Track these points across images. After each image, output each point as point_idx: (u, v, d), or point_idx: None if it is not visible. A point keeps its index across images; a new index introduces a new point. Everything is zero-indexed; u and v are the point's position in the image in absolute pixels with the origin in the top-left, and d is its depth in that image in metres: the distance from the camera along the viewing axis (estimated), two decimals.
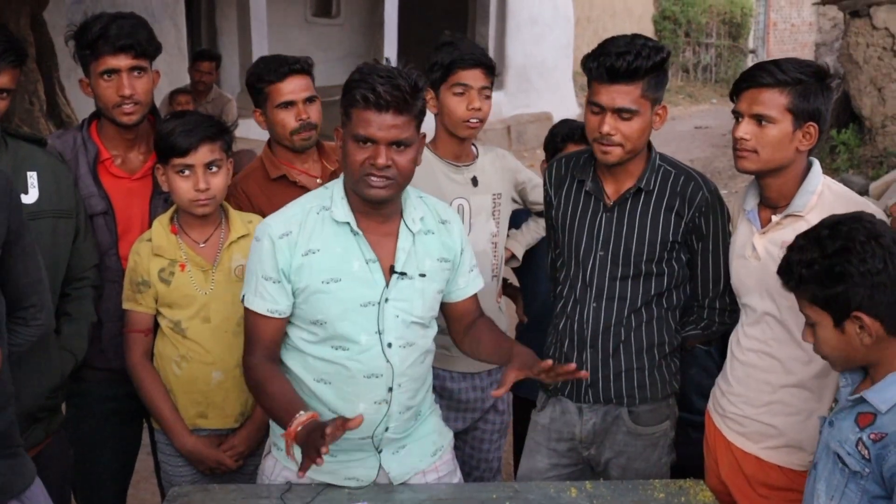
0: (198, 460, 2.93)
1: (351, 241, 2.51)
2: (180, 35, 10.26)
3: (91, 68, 2.92)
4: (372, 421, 2.54)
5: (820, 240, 2.14)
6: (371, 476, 2.63)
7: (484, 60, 3.10)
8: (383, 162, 2.39)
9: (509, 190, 3.29)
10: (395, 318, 2.52)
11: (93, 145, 2.99)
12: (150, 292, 2.88)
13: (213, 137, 2.84)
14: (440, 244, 2.63)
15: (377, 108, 2.37)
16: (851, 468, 2.15)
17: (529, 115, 14.41)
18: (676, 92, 20.69)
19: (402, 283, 2.53)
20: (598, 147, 2.74)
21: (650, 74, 2.67)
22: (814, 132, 2.55)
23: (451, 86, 3.07)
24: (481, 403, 3.29)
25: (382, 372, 2.52)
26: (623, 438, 2.93)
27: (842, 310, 2.13)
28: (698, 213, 2.80)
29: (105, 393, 3.05)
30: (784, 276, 2.24)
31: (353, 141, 2.43)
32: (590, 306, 2.88)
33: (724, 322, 2.95)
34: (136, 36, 2.90)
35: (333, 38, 14.77)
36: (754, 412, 2.72)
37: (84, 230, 2.87)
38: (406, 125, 2.42)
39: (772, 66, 2.55)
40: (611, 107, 2.67)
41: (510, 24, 14.36)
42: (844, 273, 2.09)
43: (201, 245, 2.91)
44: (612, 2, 19.33)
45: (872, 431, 2.12)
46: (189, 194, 2.81)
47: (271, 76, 3.16)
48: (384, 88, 2.36)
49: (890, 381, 2.14)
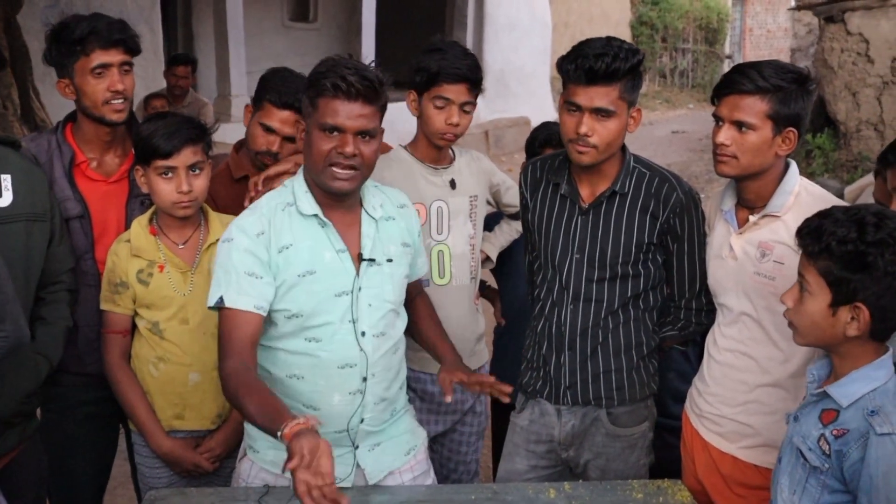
0: (174, 462, 2.92)
1: (320, 232, 2.52)
2: (156, 39, 10.21)
3: (78, 66, 2.89)
4: (347, 412, 2.55)
5: (863, 223, 2.10)
6: (346, 473, 2.62)
7: (469, 76, 3.06)
8: (351, 150, 2.41)
9: (484, 192, 3.30)
10: (369, 307, 2.54)
11: (68, 148, 2.97)
12: (129, 293, 2.86)
13: (195, 139, 2.84)
14: (401, 229, 2.67)
15: (347, 96, 2.39)
16: (812, 463, 2.18)
17: (508, 119, 14.43)
18: (653, 97, 20.79)
19: (371, 270, 2.55)
20: (574, 148, 2.74)
21: (627, 76, 2.67)
22: (793, 137, 2.56)
23: (433, 97, 3.04)
24: (461, 405, 3.29)
25: (356, 361, 2.53)
26: (602, 440, 2.94)
27: (847, 295, 2.12)
28: (673, 214, 2.81)
29: (80, 398, 3.03)
30: (807, 238, 2.18)
31: (318, 130, 2.43)
32: (567, 308, 2.88)
33: (701, 322, 2.96)
34: (126, 32, 2.93)
35: (311, 43, 14.73)
36: (731, 412, 2.74)
37: (59, 234, 2.84)
38: (373, 115, 2.44)
39: (753, 72, 2.54)
40: (588, 107, 2.67)
41: (488, 30, 14.37)
42: (872, 265, 2.07)
43: (180, 246, 2.91)
44: (589, 7, 19.39)
45: (835, 427, 2.14)
46: (172, 196, 2.80)
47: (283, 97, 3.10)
48: (354, 78, 2.38)
49: (853, 378, 2.16)
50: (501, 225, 3.53)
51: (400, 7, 14.82)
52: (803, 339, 2.27)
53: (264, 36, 13.50)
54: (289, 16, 14.93)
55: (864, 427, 2.08)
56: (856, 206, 2.19)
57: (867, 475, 2.04)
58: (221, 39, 11.17)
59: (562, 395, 2.93)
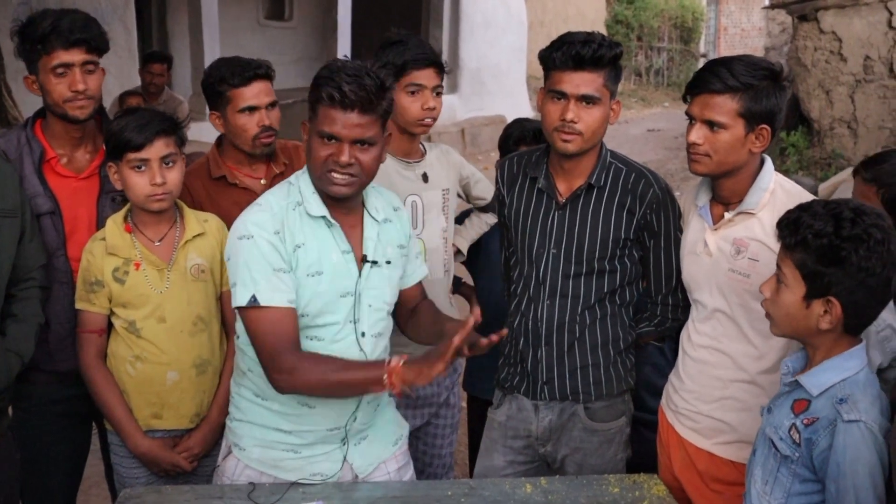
0: (152, 462, 2.89)
1: (326, 233, 2.51)
2: (130, 37, 10.12)
3: (40, 64, 2.86)
4: (342, 411, 2.56)
5: (840, 218, 2.11)
6: (335, 469, 2.62)
7: (435, 59, 3.12)
8: (346, 159, 2.40)
9: (455, 185, 3.32)
10: (369, 308, 2.55)
11: (38, 144, 2.94)
12: (104, 292, 2.83)
13: (167, 131, 2.81)
14: (397, 231, 2.67)
15: (342, 106, 2.37)
16: (783, 453, 2.20)
17: (483, 117, 14.45)
18: (629, 95, 20.86)
19: (373, 272, 2.56)
20: (559, 136, 2.74)
21: (610, 65, 2.71)
22: (766, 134, 2.56)
23: (404, 86, 3.06)
24: (437, 398, 3.31)
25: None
26: (579, 435, 2.94)
27: (821, 288, 2.14)
28: (650, 209, 2.81)
29: (52, 395, 3.00)
30: (785, 230, 2.20)
31: (317, 137, 2.43)
32: (543, 304, 2.88)
33: (677, 318, 2.96)
34: (89, 31, 2.86)
35: (286, 41, 14.68)
36: (706, 408, 2.74)
37: (30, 230, 2.81)
38: (370, 124, 2.42)
39: (723, 71, 2.53)
40: (575, 94, 2.69)
41: (464, 27, 14.38)
42: (846, 260, 2.09)
43: (156, 243, 2.88)
44: (565, 6, 19.45)
45: (806, 417, 2.16)
46: (145, 189, 2.77)
47: (234, 80, 3.12)
48: (350, 87, 2.35)
49: (824, 367, 2.19)
50: (472, 218, 3.55)
51: (375, 5, 14.76)
52: (778, 329, 2.28)
53: (239, 34, 13.41)
54: (264, 14, 14.85)
55: (832, 415, 2.11)
56: (836, 200, 2.20)
57: (834, 462, 2.06)
58: (196, 37, 11.10)
59: (539, 390, 2.93)
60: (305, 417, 2.56)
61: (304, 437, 2.58)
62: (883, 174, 2.74)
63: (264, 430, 2.60)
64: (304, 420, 2.56)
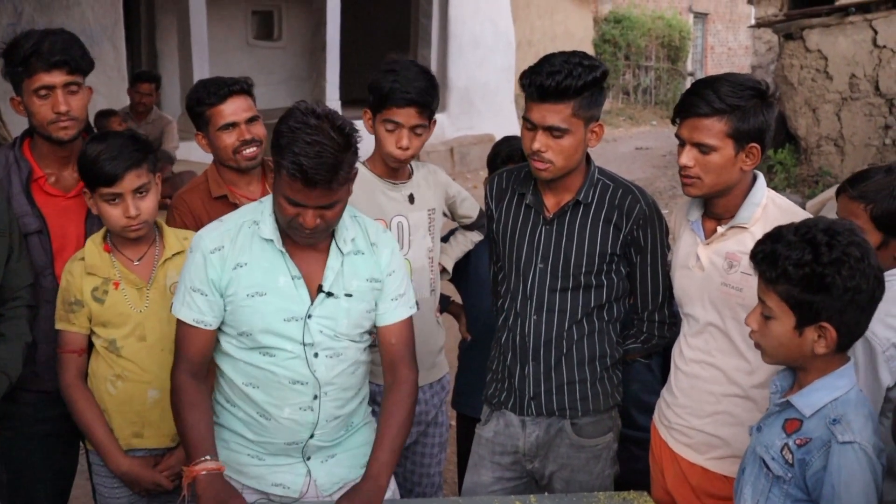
0: (134, 482, 2.87)
1: (277, 256, 2.51)
2: (119, 57, 10.13)
3: (24, 86, 2.86)
4: (297, 426, 2.56)
5: (815, 244, 2.09)
6: (298, 483, 2.61)
7: (418, 99, 2.95)
8: (311, 224, 2.38)
9: (441, 204, 3.30)
10: (320, 333, 2.53)
11: (25, 163, 2.94)
12: (84, 312, 2.82)
13: (138, 162, 2.77)
14: (368, 265, 2.62)
15: (304, 184, 2.29)
16: (775, 473, 2.19)
17: (472, 136, 14.48)
18: (617, 114, 20.96)
19: (327, 301, 2.54)
20: (532, 163, 2.76)
21: (582, 94, 2.67)
22: (757, 152, 2.56)
23: (383, 119, 2.99)
24: (424, 416, 3.28)
25: (307, 380, 2.53)
26: (566, 451, 2.94)
27: (811, 316, 2.12)
28: (636, 225, 2.82)
29: (39, 415, 2.98)
30: (763, 265, 2.18)
31: (281, 196, 2.38)
32: (531, 319, 2.88)
33: (664, 335, 2.97)
34: (70, 52, 2.85)
35: (275, 61, 14.71)
36: (699, 423, 2.74)
37: (18, 249, 2.80)
38: (336, 191, 2.36)
39: (709, 93, 2.52)
40: (541, 125, 2.69)
41: (452, 47, 14.42)
42: (832, 285, 2.07)
43: (135, 263, 2.87)
44: (552, 26, 19.53)
45: (798, 437, 2.15)
46: (120, 221, 2.77)
47: (211, 99, 3.12)
48: (310, 164, 2.26)
49: (816, 387, 2.18)
50: (456, 236, 3.53)
51: (364, 25, 14.84)
52: (771, 359, 2.27)
53: (229, 54, 13.45)
54: (253, 34, 14.89)
55: (826, 436, 2.10)
56: (804, 223, 2.18)
57: (829, 483, 2.05)
58: (185, 57, 11.12)
59: (526, 405, 2.93)
60: (264, 428, 2.57)
61: (265, 446, 2.60)
62: (869, 191, 2.76)
63: (232, 434, 2.63)
64: (263, 430, 2.58)
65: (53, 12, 9.21)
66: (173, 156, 7.91)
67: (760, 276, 2.20)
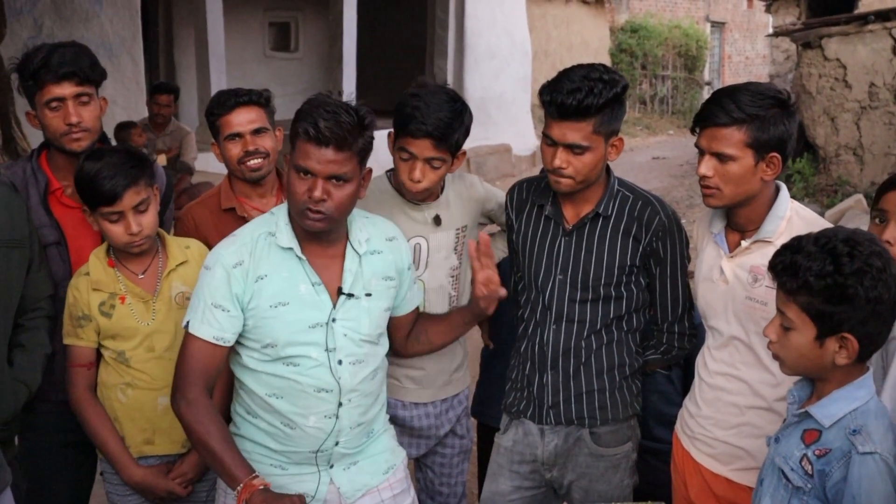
0: (147, 491, 2.87)
1: (296, 265, 2.53)
2: (138, 69, 10.20)
3: (36, 99, 2.89)
4: (321, 434, 2.57)
5: (837, 255, 2.07)
6: (322, 491, 2.62)
7: (434, 133, 2.80)
8: (318, 195, 2.41)
9: (475, 219, 3.19)
10: (344, 337, 2.55)
11: (43, 175, 2.96)
12: (91, 326, 2.82)
13: (136, 179, 2.76)
14: (387, 263, 2.66)
15: (317, 142, 2.39)
16: (794, 484, 2.17)
17: (488, 146, 14.48)
18: (634, 123, 20.92)
19: (349, 304, 2.56)
20: (551, 177, 2.76)
21: (603, 111, 2.65)
22: (777, 162, 2.53)
23: (399, 147, 2.89)
24: (435, 430, 3.21)
25: (332, 387, 2.54)
26: (585, 460, 2.92)
27: (832, 327, 2.10)
28: (655, 237, 2.81)
29: (58, 425, 2.99)
30: (783, 276, 2.16)
31: (294, 171, 2.45)
32: (550, 329, 2.87)
33: (684, 347, 2.96)
34: (78, 63, 2.87)
35: (292, 73, 14.79)
36: (723, 434, 2.72)
37: (38, 260, 2.82)
38: (345, 161, 2.43)
39: (728, 103, 2.51)
40: (562, 142, 2.68)
41: (468, 58, 14.44)
42: (854, 296, 2.05)
43: (140, 276, 2.87)
44: (569, 35, 19.52)
45: (817, 448, 2.13)
46: (123, 238, 2.77)
47: (221, 109, 3.15)
48: (326, 124, 2.37)
49: (835, 398, 2.16)
50: (496, 241, 3.42)
51: (381, 36, 14.88)
52: (791, 370, 2.25)
53: (246, 65, 13.53)
54: (270, 45, 14.99)
55: (846, 446, 2.08)
56: (824, 233, 2.16)
57: (850, 494, 2.04)
58: (203, 69, 11.18)
59: (545, 414, 2.92)
60: (288, 437, 2.57)
61: (289, 455, 2.60)
62: None
63: (254, 445, 2.62)
64: (287, 440, 2.58)
65: (73, 26, 9.28)
66: (192, 167, 7.97)
67: (780, 287, 2.18)
